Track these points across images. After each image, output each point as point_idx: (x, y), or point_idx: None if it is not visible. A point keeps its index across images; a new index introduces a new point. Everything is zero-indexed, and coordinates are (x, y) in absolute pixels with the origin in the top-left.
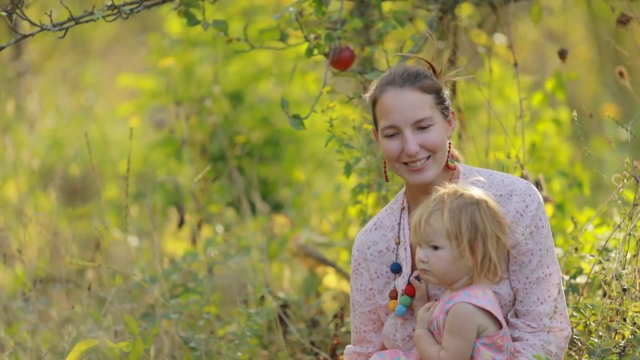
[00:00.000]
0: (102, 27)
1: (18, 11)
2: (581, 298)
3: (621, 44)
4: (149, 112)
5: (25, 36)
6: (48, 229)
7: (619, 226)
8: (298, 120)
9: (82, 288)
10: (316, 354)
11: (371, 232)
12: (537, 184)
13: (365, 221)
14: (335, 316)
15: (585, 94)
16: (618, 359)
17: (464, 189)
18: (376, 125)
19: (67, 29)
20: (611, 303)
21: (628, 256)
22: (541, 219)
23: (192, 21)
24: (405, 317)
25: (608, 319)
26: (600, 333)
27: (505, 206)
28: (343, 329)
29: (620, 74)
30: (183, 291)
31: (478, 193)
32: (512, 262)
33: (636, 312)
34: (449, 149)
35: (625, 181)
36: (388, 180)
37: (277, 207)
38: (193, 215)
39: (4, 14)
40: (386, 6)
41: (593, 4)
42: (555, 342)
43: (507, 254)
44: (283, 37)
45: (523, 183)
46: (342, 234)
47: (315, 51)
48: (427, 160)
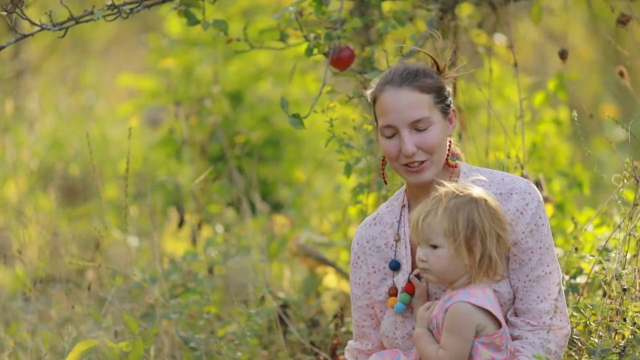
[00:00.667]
0: (102, 27)
1: (18, 11)
2: (581, 298)
3: (621, 44)
4: (145, 111)
5: (25, 36)
6: (48, 229)
7: (619, 226)
8: (298, 119)
9: (82, 288)
10: (316, 354)
11: (370, 227)
12: (537, 184)
13: None
14: (335, 316)
15: (585, 94)
16: (618, 359)
17: (463, 188)
18: (376, 122)
19: (67, 29)
20: (611, 303)
21: (628, 256)
22: (541, 217)
23: (192, 21)
24: (404, 315)
25: (608, 319)
26: (600, 333)
27: (505, 204)
28: (343, 329)
29: (620, 74)
30: (183, 291)
31: (477, 191)
32: (512, 261)
33: (636, 312)
34: (449, 147)
35: (625, 181)
36: (386, 182)
37: (277, 207)
38: (193, 215)
39: (4, 14)
40: (386, 6)
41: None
42: (554, 341)
43: (508, 252)
44: (283, 37)
45: (523, 182)
46: (342, 234)
47: (314, 51)
48: (425, 161)
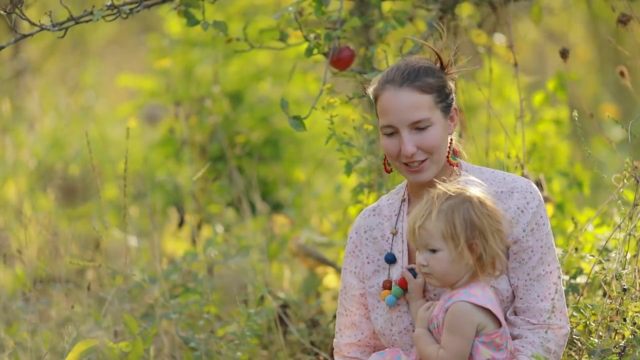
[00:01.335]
0: (103, 28)
1: (17, 11)
2: (581, 298)
3: (621, 44)
4: (143, 108)
5: (24, 36)
6: (48, 229)
7: (619, 226)
8: (299, 121)
9: (82, 288)
10: (316, 354)
11: (369, 217)
12: (538, 184)
13: None
14: (335, 316)
15: (585, 94)
16: (618, 359)
17: (455, 188)
18: (378, 119)
19: (67, 29)
20: (611, 303)
21: (628, 256)
22: (542, 217)
23: (192, 21)
24: (400, 310)
25: (608, 319)
26: (600, 333)
27: (506, 202)
28: None
29: (621, 74)
30: (183, 291)
31: (470, 190)
32: (512, 259)
33: (636, 312)
34: (450, 145)
35: (625, 181)
36: (389, 171)
37: (277, 207)
38: (193, 215)
39: (4, 14)
40: (386, 6)
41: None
42: (554, 340)
43: (507, 250)
44: (283, 37)
45: (524, 181)
46: (342, 234)
47: (314, 51)
48: (425, 161)
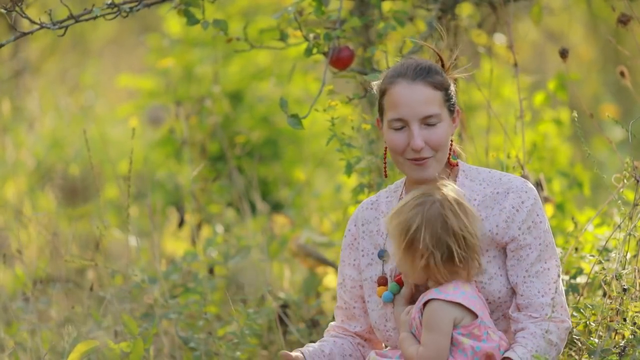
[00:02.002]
0: (102, 28)
1: (18, 9)
2: (581, 298)
3: (621, 44)
4: (146, 110)
5: (24, 34)
6: (48, 229)
7: (619, 226)
8: (296, 120)
9: (82, 288)
10: None
11: (367, 210)
12: (538, 184)
13: None
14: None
15: (585, 94)
16: (618, 359)
17: (421, 190)
18: (381, 115)
19: (67, 28)
20: (611, 303)
21: (628, 256)
22: (538, 215)
23: (192, 20)
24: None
25: (608, 319)
26: (600, 333)
27: (502, 203)
28: None
29: (621, 74)
30: (183, 291)
31: (429, 193)
32: (510, 257)
33: (636, 312)
34: (451, 146)
35: (625, 181)
36: (387, 176)
37: (277, 207)
38: (193, 215)
39: (4, 12)
40: (386, 6)
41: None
42: (556, 333)
43: (504, 250)
44: (283, 37)
45: (520, 181)
46: (342, 234)
47: (314, 50)
48: (430, 158)
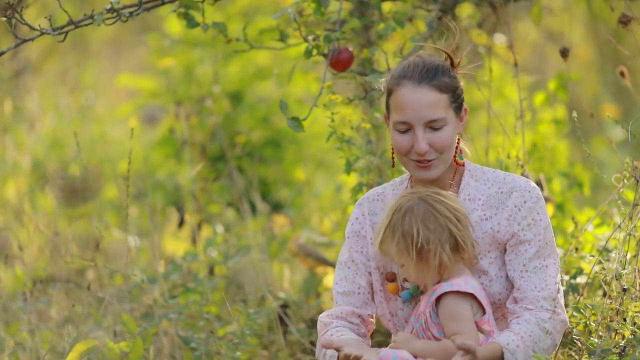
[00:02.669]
0: (102, 28)
1: (17, 16)
2: (581, 298)
3: (621, 44)
4: (142, 109)
5: (24, 40)
6: (48, 229)
7: (619, 226)
8: (297, 122)
9: (82, 288)
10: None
11: (373, 202)
12: (538, 184)
13: None
14: None
15: (585, 94)
16: (618, 359)
17: (400, 200)
18: (388, 113)
19: (67, 33)
20: (611, 303)
21: (628, 256)
22: (539, 213)
23: (192, 23)
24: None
25: (608, 319)
26: (600, 333)
27: (505, 202)
28: None
29: (621, 74)
30: (183, 291)
31: (406, 200)
32: (509, 252)
33: (636, 312)
34: (457, 145)
35: (625, 181)
36: (394, 165)
37: (277, 207)
38: (193, 215)
39: (4, 19)
40: (386, 6)
41: (593, 4)
42: (551, 323)
43: (504, 247)
44: (283, 37)
45: (523, 180)
46: (342, 234)
47: (314, 52)
48: (434, 160)
